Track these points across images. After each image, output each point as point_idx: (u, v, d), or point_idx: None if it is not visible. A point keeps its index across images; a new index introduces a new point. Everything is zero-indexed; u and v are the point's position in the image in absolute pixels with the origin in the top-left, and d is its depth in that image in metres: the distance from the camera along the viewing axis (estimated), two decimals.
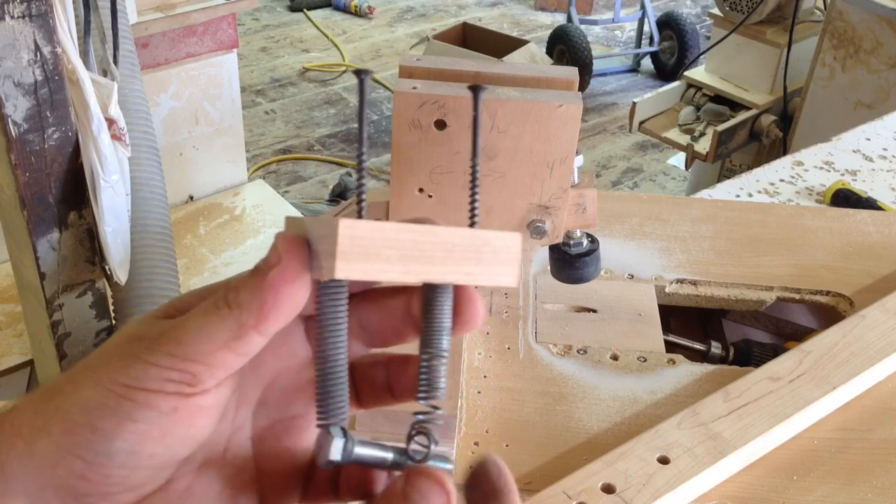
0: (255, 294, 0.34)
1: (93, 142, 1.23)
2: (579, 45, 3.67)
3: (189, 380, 0.34)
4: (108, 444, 0.34)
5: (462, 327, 0.37)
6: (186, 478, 0.36)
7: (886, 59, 2.16)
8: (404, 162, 0.69)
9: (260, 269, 0.35)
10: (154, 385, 0.34)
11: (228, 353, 0.34)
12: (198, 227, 2.22)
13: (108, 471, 0.34)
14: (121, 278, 1.34)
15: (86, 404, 0.34)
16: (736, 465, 0.67)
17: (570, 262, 0.76)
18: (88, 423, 0.34)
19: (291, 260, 0.35)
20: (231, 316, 0.34)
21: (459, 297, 0.37)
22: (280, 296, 0.34)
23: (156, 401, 0.34)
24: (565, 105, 0.66)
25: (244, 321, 0.34)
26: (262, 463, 0.39)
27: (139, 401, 0.34)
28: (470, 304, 0.37)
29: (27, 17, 1.13)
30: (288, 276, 0.34)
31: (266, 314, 0.34)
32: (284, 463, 0.39)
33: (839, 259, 0.92)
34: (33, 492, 0.34)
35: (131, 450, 0.34)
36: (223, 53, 2.19)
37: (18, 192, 1.22)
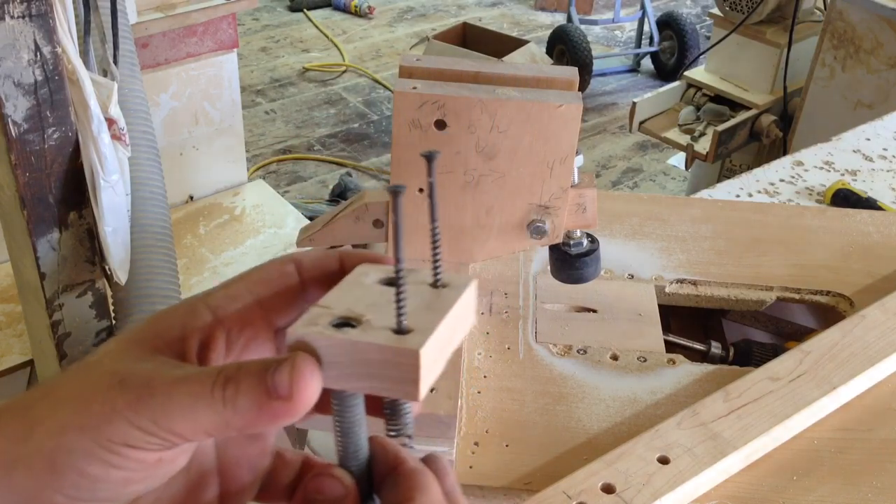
0: (252, 407, 0.34)
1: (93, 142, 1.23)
2: (579, 45, 3.67)
3: (171, 445, 0.35)
4: (94, 486, 0.35)
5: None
6: (154, 492, 0.38)
7: (886, 59, 2.16)
8: (404, 162, 0.69)
9: (267, 388, 0.34)
10: (138, 444, 0.34)
11: (208, 436, 0.35)
12: (198, 227, 2.22)
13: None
14: (121, 278, 1.34)
15: (71, 449, 0.34)
16: (736, 465, 0.67)
17: (570, 262, 0.76)
18: (75, 468, 0.34)
19: (301, 401, 0.34)
20: (222, 412, 0.34)
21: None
22: (276, 421, 0.35)
23: (141, 455, 0.34)
24: (565, 105, 0.66)
25: (231, 423, 0.34)
26: (223, 467, 0.40)
27: (124, 454, 0.34)
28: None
29: (27, 17, 1.13)
30: (292, 413, 0.34)
31: (254, 426, 0.35)
32: (244, 467, 0.41)
33: (839, 259, 0.92)
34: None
35: (115, 491, 0.35)
36: (223, 53, 2.19)
37: (18, 192, 1.22)
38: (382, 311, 0.36)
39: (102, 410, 0.34)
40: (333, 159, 3.27)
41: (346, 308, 0.36)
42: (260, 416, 0.34)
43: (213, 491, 0.40)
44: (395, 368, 0.34)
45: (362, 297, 0.37)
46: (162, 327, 0.38)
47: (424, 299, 0.38)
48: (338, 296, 0.37)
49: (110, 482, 0.35)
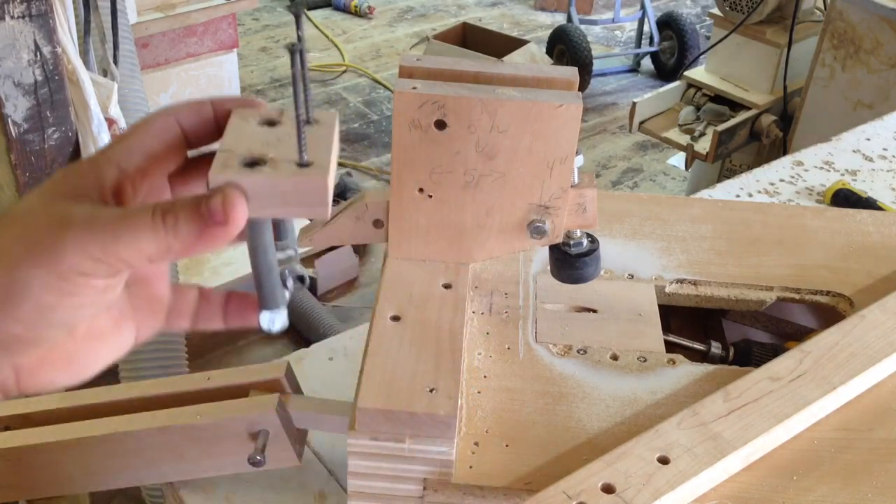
0: (191, 233, 0.40)
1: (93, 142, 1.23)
2: (579, 45, 3.67)
3: (117, 271, 0.40)
4: (50, 314, 0.40)
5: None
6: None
7: (886, 59, 2.16)
8: (404, 162, 0.69)
9: (202, 213, 0.40)
10: (89, 272, 0.39)
11: (150, 262, 0.40)
12: None
13: (43, 332, 0.41)
14: None
15: (26, 282, 0.39)
16: (736, 465, 0.67)
17: (570, 262, 0.76)
18: (31, 297, 0.39)
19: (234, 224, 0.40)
20: (164, 238, 0.40)
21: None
22: (212, 245, 0.41)
23: (91, 281, 0.40)
24: (565, 105, 0.66)
25: (173, 248, 0.40)
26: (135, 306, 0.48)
27: (78, 282, 0.39)
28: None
29: (27, 17, 1.13)
30: (226, 236, 0.41)
31: (192, 250, 0.40)
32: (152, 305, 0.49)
33: (839, 259, 0.92)
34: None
35: (68, 316, 0.41)
36: (223, 53, 2.19)
37: (18, 192, 1.22)
38: (279, 149, 0.43)
39: (53, 244, 0.39)
40: None
41: (246, 149, 0.43)
42: (199, 241, 0.40)
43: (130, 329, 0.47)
44: (307, 196, 0.42)
45: (254, 137, 0.44)
46: (75, 181, 0.42)
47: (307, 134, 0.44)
48: (233, 139, 0.44)
49: (64, 308, 0.40)
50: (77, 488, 0.76)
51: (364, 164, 3.26)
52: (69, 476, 0.74)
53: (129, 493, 1.65)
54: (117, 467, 0.73)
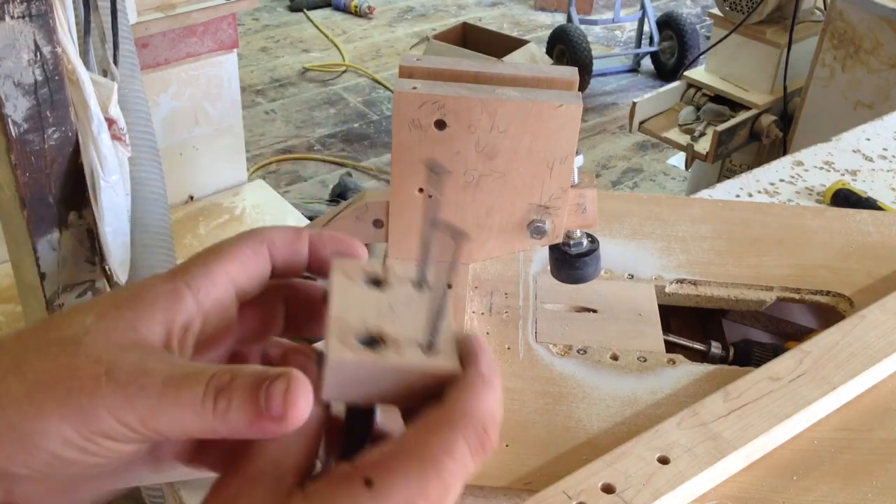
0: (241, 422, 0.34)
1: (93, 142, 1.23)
2: (579, 45, 3.67)
3: (151, 441, 0.35)
4: (64, 468, 0.35)
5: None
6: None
7: (886, 59, 2.16)
8: (404, 162, 0.69)
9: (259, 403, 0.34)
10: (120, 438, 0.34)
11: (189, 437, 0.35)
12: (198, 227, 2.22)
13: (51, 478, 0.36)
14: (121, 278, 1.34)
15: (48, 435, 0.34)
16: (736, 465, 0.67)
17: (570, 262, 0.76)
18: (48, 451, 0.34)
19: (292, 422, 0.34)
20: (211, 422, 0.34)
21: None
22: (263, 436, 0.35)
23: (120, 446, 0.35)
24: (565, 105, 0.66)
25: (217, 431, 0.34)
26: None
27: (105, 445, 0.34)
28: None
29: (27, 17, 1.13)
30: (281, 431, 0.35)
31: (240, 436, 0.35)
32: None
33: (839, 259, 0.92)
34: None
35: (84, 473, 0.35)
36: (223, 53, 2.19)
37: (18, 192, 1.22)
38: (395, 322, 0.37)
39: (89, 404, 0.34)
40: (333, 159, 3.27)
41: (360, 320, 0.37)
42: (248, 431, 0.34)
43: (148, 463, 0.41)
44: (427, 387, 0.36)
45: (366, 304, 0.38)
46: (143, 308, 0.37)
47: (422, 305, 0.38)
48: (342, 304, 0.38)
49: (82, 466, 0.35)
50: None
51: (364, 164, 3.26)
52: None
53: (129, 493, 1.65)
54: None
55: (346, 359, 0.35)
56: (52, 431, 0.34)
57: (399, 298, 0.38)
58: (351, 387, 0.36)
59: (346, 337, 0.36)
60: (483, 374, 0.36)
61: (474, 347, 0.37)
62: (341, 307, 0.38)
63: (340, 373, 0.35)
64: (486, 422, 0.35)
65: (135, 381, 0.34)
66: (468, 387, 0.35)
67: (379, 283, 0.39)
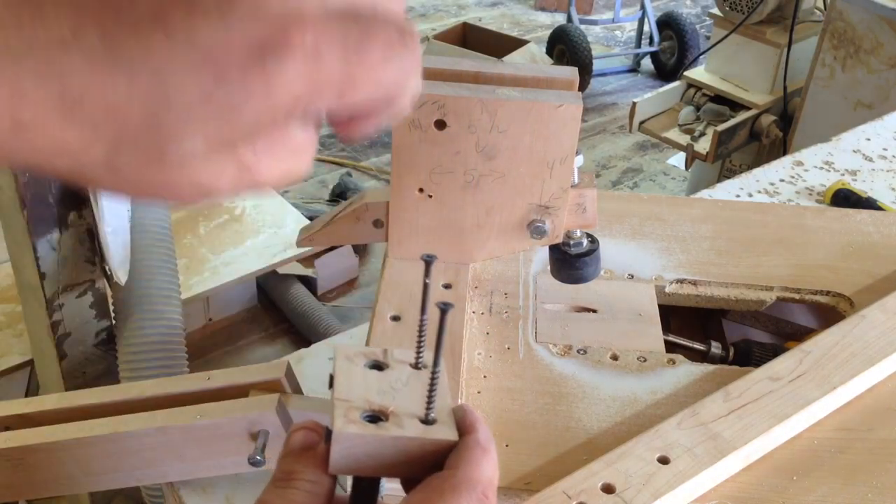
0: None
1: None
2: (579, 45, 3.67)
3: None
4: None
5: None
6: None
7: (886, 59, 2.16)
8: (404, 162, 0.69)
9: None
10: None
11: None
12: (198, 227, 2.22)
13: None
14: (121, 278, 1.34)
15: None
16: (736, 465, 0.67)
17: (570, 262, 0.76)
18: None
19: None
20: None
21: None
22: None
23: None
24: (565, 105, 0.66)
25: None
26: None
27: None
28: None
29: None
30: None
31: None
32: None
33: (839, 259, 0.92)
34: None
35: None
36: None
37: (18, 192, 1.22)
38: (397, 400, 0.41)
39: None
40: (333, 159, 3.27)
41: (364, 400, 0.40)
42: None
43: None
44: (427, 456, 0.39)
45: (368, 385, 0.41)
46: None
47: (420, 383, 0.41)
48: (346, 386, 0.41)
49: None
50: (77, 488, 0.76)
51: (364, 164, 3.26)
52: (69, 476, 0.74)
53: (129, 493, 1.65)
54: (117, 467, 0.73)
55: (350, 432, 0.38)
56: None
57: (398, 378, 0.42)
58: (356, 459, 0.39)
59: (350, 413, 0.39)
60: (481, 442, 0.39)
61: (471, 418, 0.40)
62: (345, 388, 0.41)
63: (345, 446, 0.39)
64: (486, 487, 0.38)
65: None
66: (468, 455, 0.38)
67: (379, 367, 0.42)
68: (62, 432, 0.72)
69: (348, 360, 0.43)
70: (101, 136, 0.26)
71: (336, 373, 0.42)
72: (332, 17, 0.27)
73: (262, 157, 0.29)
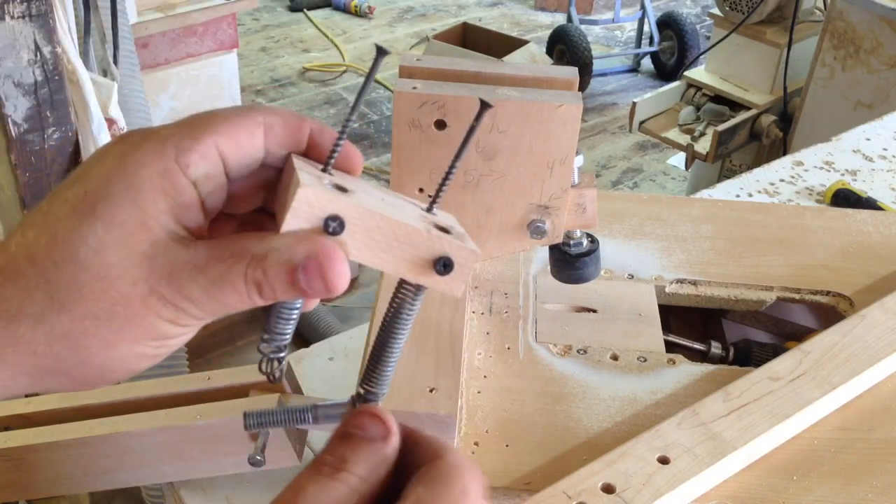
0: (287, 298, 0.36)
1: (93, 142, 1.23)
2: (579, 45, 3.67)
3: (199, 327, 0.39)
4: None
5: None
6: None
7: (886, 59, 2.16)
8: (404, 162, 0.69)
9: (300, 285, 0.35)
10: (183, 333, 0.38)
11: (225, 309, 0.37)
12: None
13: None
14: None
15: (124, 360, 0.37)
16: (736, 465, 0.67)
17: (570, 262, 0.76)
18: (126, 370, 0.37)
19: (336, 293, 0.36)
20: (258, 301, 0.36)
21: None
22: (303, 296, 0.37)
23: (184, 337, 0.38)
24: (565, 105, 0.66)
25: (253, 299, 0.36)
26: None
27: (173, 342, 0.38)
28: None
29: (27, 17, 1.13)
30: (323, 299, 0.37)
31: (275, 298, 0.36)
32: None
33: (839, 259, 0.92)
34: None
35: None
36: (223, 53, 2.19)
37: (18, 192, 1.22)
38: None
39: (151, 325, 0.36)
40: None
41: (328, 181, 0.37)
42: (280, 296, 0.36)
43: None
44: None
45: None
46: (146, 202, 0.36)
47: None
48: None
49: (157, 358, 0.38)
50: (77, 488, 0.76)
51: (364, 164, 3.26)
52: (69, 476, 0.74)
53: (129, 493, 1.65)
54: (117, 467, 0.73)
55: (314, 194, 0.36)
56: (127, 356, 0.37)
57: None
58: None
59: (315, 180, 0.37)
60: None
61: (436, 446, 0.37)
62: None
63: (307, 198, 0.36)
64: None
65: (179, 293, 0.36)
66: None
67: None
68: (62, 432, 0.72)
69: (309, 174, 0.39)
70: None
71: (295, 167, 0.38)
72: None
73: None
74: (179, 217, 0.37)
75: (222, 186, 0.39)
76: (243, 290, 0.36)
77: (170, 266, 0.36)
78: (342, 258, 0.35)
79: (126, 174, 0.36)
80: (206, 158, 0.37)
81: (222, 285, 0.36)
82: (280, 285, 0.35)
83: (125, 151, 0.37)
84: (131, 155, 0.37)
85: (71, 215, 0.36)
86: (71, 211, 0.36)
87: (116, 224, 0.36)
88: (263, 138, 0.39)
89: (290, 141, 0.40)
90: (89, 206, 0.36)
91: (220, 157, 0.38)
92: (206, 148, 0.37)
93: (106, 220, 0.36)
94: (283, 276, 0.35)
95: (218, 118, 0.38)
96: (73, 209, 0.36)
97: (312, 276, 0.35)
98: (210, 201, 0.39)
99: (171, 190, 0.36)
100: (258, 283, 0.35)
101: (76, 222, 0.36)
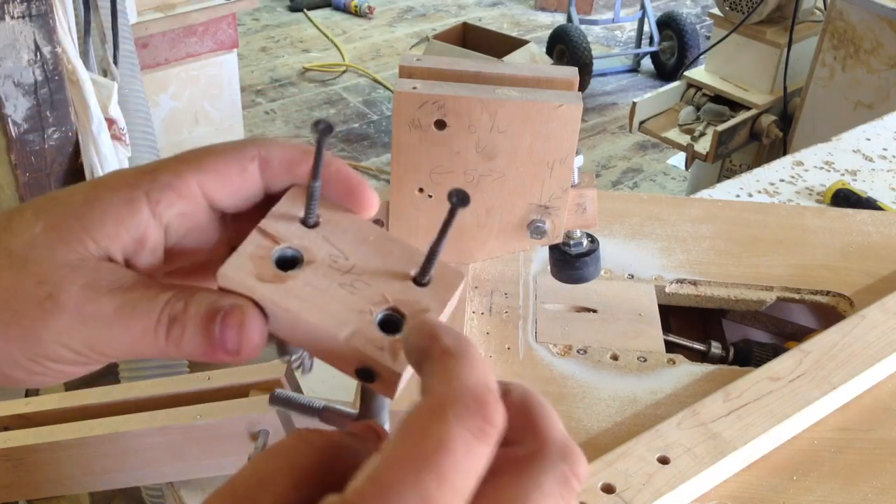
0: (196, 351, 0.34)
1: (93, 142, 1.23)
2: (579, 45, 3.67)
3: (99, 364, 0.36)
4: (12, 382, 0.36)
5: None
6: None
7: (886, 59, 2.16)
8: (404, 162, 0.69)
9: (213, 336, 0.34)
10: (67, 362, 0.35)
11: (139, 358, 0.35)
12: None
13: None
14: None
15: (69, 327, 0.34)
16: (736, 465, 0.67)
17: (570, 262, 0.76)
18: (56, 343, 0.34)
19: (245, 356, 0.34)
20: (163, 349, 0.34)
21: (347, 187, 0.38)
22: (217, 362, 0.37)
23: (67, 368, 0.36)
24: (565, 105, 0.66)
25: (170, 355, 0.34)
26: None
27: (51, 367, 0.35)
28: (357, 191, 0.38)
29: (27, 17, 1.13)
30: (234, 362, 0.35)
31: (193, 359, 0.35)
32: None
33: (839, 259, 0.92)
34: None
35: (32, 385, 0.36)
36: (223, 53, 2.19)
37: (18, 192, 1.22)
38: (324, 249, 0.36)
39: (32, 328, 0.33)
40: None
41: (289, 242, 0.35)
42: (201, 358, 0.34)
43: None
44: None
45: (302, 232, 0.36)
46: (93, 220, 0.35)
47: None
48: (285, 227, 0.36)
49: (29, 383, 0.36)
50: (77, 488, 0.76)
51: (364, 164, 3.26)
52: (69, 476, 0.74)
53: (129, 493, 1.65)
54: (117, 467, 0.73)
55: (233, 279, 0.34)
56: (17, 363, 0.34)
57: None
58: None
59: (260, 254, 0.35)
60: (448, 347, 0.30)
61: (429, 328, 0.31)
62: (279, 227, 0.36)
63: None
64: (478, 392, 0.28)
65: (82, 307, 0.33)
66: (438, 367, 0.30)
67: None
68: (62, 432, 0.72)
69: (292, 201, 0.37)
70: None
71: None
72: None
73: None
74: (126, 250, 0.35)
75: (205, 225, 0.37)
76: (154, 320, 0.33)
77: (90, 278, 0.34)
78: (263, 329, 0.34)
79: (92, 192, 0.35)
80: (184, 197, 0.36)
81: (136, 308, 0.33)
82: (193, 328, 0.33)
83: (109, 176, 0.36)
84: (109, 179, 0.36)
85: (26, 210, 0.35)
86: (31, 209, 0.35)
87: (54, 229, 0.34)
88: (259, 173, 0.37)
89: (288, 176, 0.37)
90: (45, 207, 0.35)
91: (202, 196, 0.36)
92: (185, 186, 0.36)
93: (48, 223, 0.35)
94: (201, 319, 0.33)
95: (208, 154, 0.37)
96: (34, 209, 0.35)
97: (230, 324, 0.33)
98: (190, 240, 0.37)
99: (129, 220, 0.35)
100: (172, 318, 0.33)
101: (28, 217, 0.35)
